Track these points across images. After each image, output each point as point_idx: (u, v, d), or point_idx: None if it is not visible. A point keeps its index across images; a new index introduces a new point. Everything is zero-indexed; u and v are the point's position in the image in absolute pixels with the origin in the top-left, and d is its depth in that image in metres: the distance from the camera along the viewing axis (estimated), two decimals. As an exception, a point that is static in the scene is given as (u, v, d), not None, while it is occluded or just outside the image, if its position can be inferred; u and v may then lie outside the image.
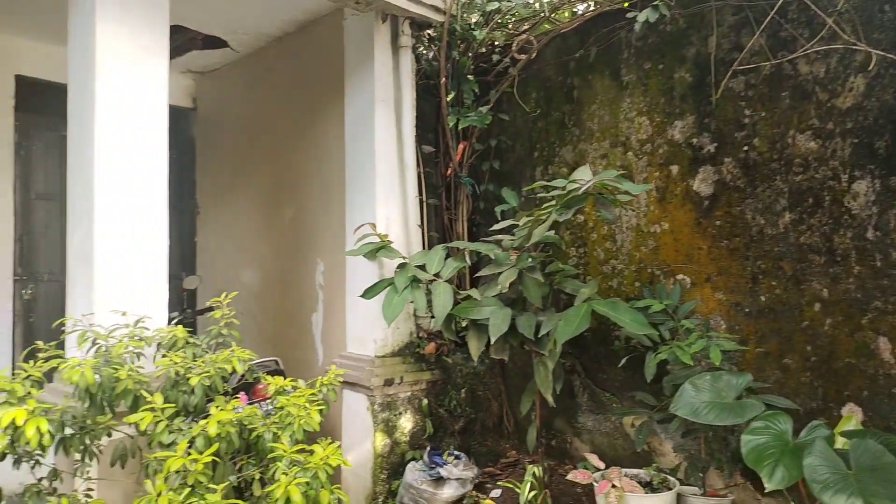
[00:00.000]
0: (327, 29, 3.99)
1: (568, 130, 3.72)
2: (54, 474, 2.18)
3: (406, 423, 3.58)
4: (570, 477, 2.84)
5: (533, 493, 2.85)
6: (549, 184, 2.72)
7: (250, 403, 2.53)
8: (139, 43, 2.68)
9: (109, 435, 2.16)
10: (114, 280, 2.57)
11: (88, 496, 2.12)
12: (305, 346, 4.23)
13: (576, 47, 3.64)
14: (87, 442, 2.10)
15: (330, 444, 2.05)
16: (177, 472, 1.75)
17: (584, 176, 2.77)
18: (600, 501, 2.73)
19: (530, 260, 3.01)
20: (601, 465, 2.91)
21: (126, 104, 2.65)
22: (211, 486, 1.71)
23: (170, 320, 2.78)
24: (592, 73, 3.60)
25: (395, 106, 3.64)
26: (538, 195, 3.08)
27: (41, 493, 2.14)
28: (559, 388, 3.09)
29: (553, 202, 2.73)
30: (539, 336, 2.88)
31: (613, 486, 2.65)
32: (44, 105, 4.54)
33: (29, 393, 1.91)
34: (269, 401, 2.62)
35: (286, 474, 1.85)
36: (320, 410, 2.16)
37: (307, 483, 1.86)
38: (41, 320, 4.55)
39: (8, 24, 4.16)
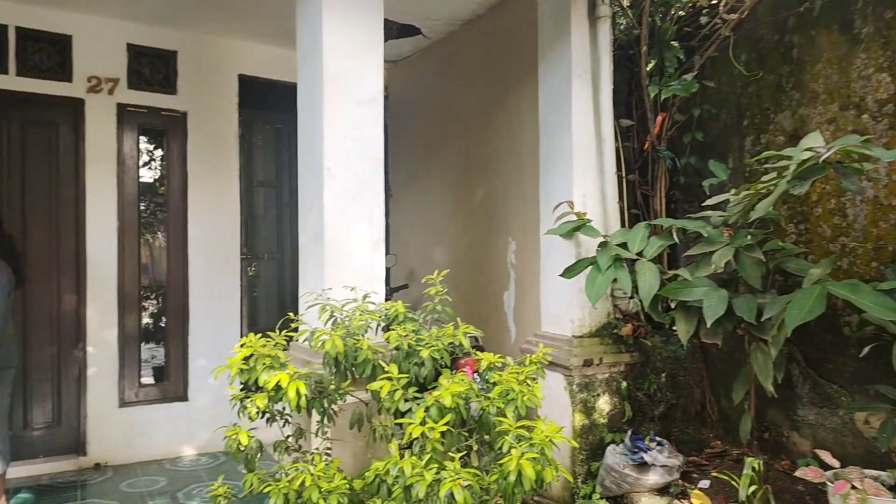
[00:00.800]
0: (520, 6, 3.97)
1: (785, 94, 3.37)
2: (299, 433, 2.43)
3: (604, 405, 3.52)
4: (798, 474, 2.61)
5: (752, 487, 2.66)
6: (780, 153, 2.48)
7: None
8: (358, 38, 2.85)
9: (343, 400, 2.36)
10: (340, 259, 2.78)
11: (328, 454, 2.33)
12: (498, 324, 4.32)
13: (795, 2, 3.28)
14: (326, 405, 2.30)
15: (546, 421, 2.06)
16: (415, 438, 1.86)
17: (815, 143, 2.50)
18: (835, 503, 2.48)
19: (749, 237, 2.79)
20: (835, 463, 2.63)
21: (348, 97, 2.84)
22: (450, 454, 1.80)
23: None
24: (817, 28, 3.22)
25: (593, 79, 3.54)
26: (749, 168, 2.80)
27: (288, 449, 2.40)
28: (780, 378, 2.84)
29: (774, 174, 2.49)
30: (761, 320, 2.66)
31: (854, 487, 2.39)
32: (262, 101, 5.05)
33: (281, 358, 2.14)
34: (474, 375, 2.70)
35: (515, 448, 1.89)
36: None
37: (534, 458, 1.88)
38: (262, 294, 5.10)
39: (233, 28, 4.65)
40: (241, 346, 2.11)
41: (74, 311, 4.34)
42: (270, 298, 5.14)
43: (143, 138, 4.64)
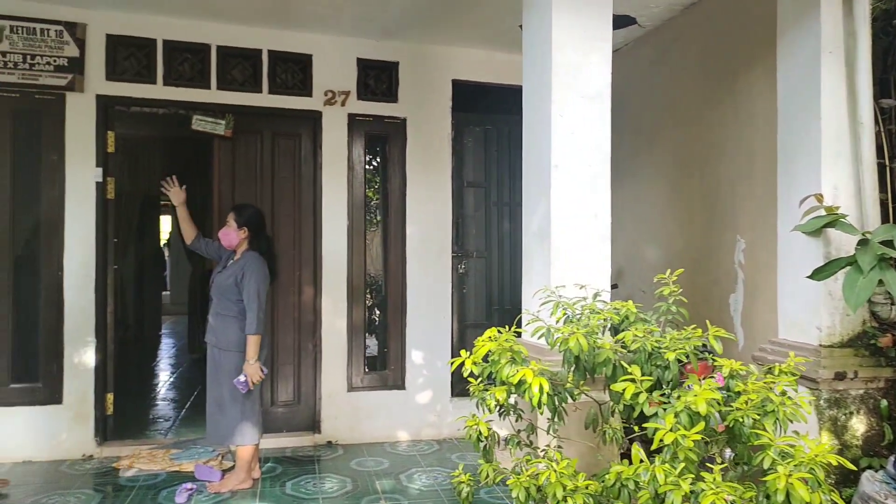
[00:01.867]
0: (752, -17, 3.65)
1: None
2: (531, 428, 2.45)
3: (858, 424, 3.09)
4: None
5: None
6: None
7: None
8: (587, 32, 2.81)
9: (578, 398, 2.32)
10: (566, 256, 2.76)
11: (559, 453, 2.31)
12: (722, 329, 4.00)
13: None
14: (557, 403, 2.29)
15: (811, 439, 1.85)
16: (666, 445, 1.77)
17: None
18: None
19: None
20: None
21: (575, 92, 2.81)
22: (709, 465, 1.69)
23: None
24: None
25: (847, 56, 3.13)
26: None
27: (520, 443, 2.42)
28: None
29: None
30: None
31: None
32: (472, 104, 5.21)
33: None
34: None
35: (781, 466, 1.71)
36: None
37: (804, 479, 1.69)
38: (470, 290, 5.27)
39: (449, 36, 4.86)
40: (487, 338, 2.17)
41: (312, 303, 4.83)
42: (479, 295, 5.29)
43: (368, 144, 5.02)
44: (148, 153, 7.56)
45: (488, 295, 5.29)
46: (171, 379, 7.17)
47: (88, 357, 4.34)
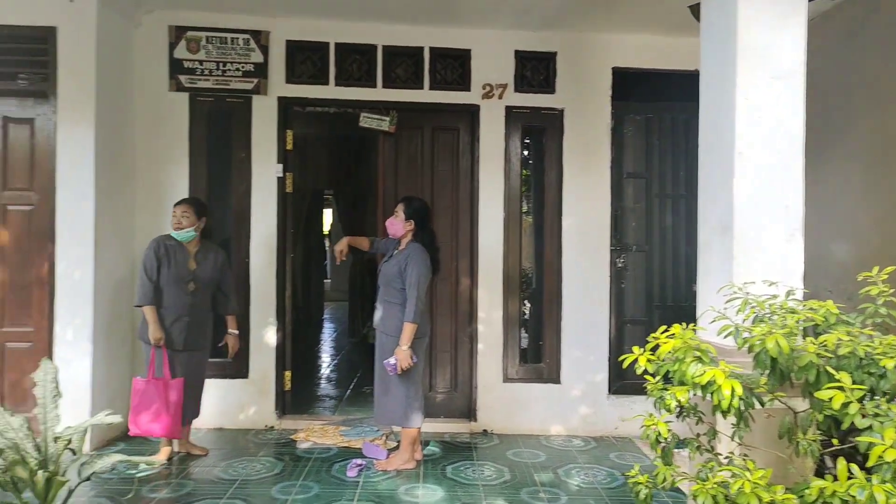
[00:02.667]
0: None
1: None
2: (712, 433, 2.31)
3: None
4: None
5: None
6: None
7: None
8: (777, 8, 2.58)
9: (764, 405, 2.15)
10: (751, 251, 2.57)
11: (751, 462, 2.16)
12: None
13: None
14: (745, 408, 2.13)
15: None
16: (887, 463, 1.59)
17: None
18: None
19: None
20: None
21: (763, 71, 2.60)
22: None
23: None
24: None
25: None
26: None
27: (700, 448, 2.29)
28: None
29: None
30: None
31: None
32: (632, 92, 5.01)
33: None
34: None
35: None
36: None
37: None
38: (629, 285, 5.08)
39: (609, 22, 4.70)
40: (667, 336, 2.08)
41: (468, 293, 4.93)
42: (638, 290, 5.09)
43: (524, 136, 5.01)
44: (316, 149, 8.10)
45: (648, 291, 5.08)
46: (335, 361, 7.67)
47: (270, 337, 4.76)
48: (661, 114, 5.09)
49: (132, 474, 3.72)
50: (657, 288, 5.09)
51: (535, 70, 4.94)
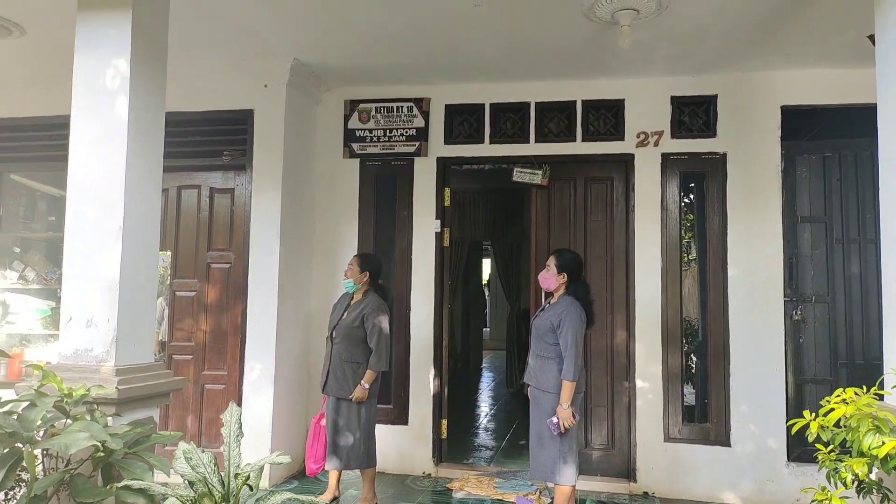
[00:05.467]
0: None
1: None
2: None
3: None
4: None
5: None
6: None
7: None
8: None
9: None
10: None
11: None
12: None
13: None
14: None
15: None
16: None
17: None
18: None
19: None
20: None
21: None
22: None
23: None
24: None
25: None
26: None
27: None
28: None
29: None
30: None
31: None
32: (804, 130, 4.66)
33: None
34: None
35: None
36: None
37: None
38: (809, 340, 4.62)
39: (775, 59, 4.46)
40: (840, 400, 1.90)
41: (625, 346, 4.78)
42: (820, 346, 4.60)
43: (683, 183, 4.84)
44: (472, 203, 8.44)
45: (832, 346, 4.57)
46: (492, 410, 7.73)
47: (428, 386, 4.96)
48: (840, 151, 4.67)
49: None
50: (843, 343, 4.57)
51: (694, 114, 4.80)
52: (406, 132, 5.13)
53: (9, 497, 2.48)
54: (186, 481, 2.22)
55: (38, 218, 5.36)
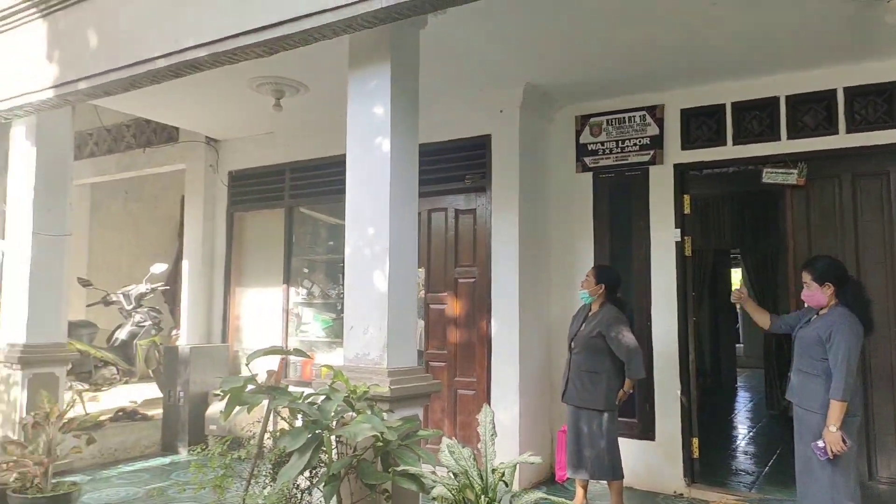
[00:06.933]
0: None
1: None
2: None
3: None
4: None
5: None
6: None
7: None
8: None
9: None
10: None
11: None
12: None
13: None
14: None
15: None
16: None
17: None
18: None
19: None
20: None
21: None
22: None
23: None
24: None
25: None
26: None
27: None
28: None
29: None
30: None
31: None
32: None
33: None
34: None
35: None
36: None
37: None
38: None
39: None
40: None
41: (917, 365, 4.10)
42: None
43: None
44: (716, 209, 7.90)
45: None
46: (751, 433, 7.10)
47: (674, 401, 4.78)
48: None
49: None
50: None
51: None
52: (639, 141, 5.06)
53: (312, 474, 3.00)
54: (450, 472, 2.49)
55: (320, 243, 6.35)
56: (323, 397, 2.82)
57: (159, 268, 6.66)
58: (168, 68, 3.55)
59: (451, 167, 5.33)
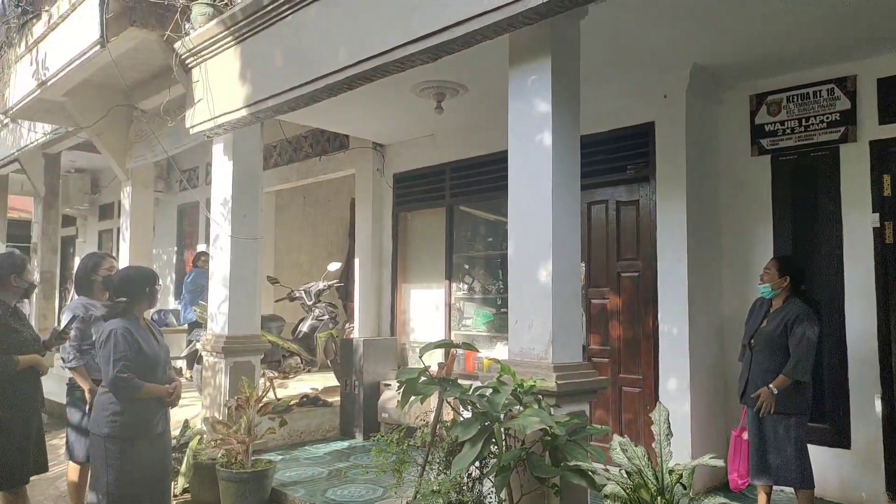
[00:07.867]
0: None
1: None
2: None
3: None
4: None
5: None
6: None
7: None
8: None
9: None
10: None
11: None
12: None
13: None
14: None
15: None
16: None
17: None
18: None
19: None
20: None
21: None
22: None
23: None
24: None
25: None
26: None
27: None
28: None
29: None
30: None
31: None
32: None
33: None
34: None
35: None
36: None
37: None
38: None
39: None
40: None
41: None
42: None
43: None
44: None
45: None
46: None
47: (873, 407, 4.26)
48: None
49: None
50: None
51: None
52: (827, 118, 4.56)
53: (483, 465, 3.10)
54: (622, 471, 2.44)
55: (479, 240, 6.49)
56: (491, 390, 2.90)
57: (334, 266, 7.20)
58: (342, 81, 3.84)
59: (612, 158, 5.18)
